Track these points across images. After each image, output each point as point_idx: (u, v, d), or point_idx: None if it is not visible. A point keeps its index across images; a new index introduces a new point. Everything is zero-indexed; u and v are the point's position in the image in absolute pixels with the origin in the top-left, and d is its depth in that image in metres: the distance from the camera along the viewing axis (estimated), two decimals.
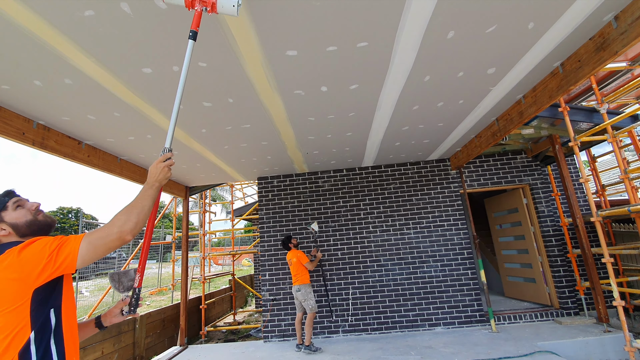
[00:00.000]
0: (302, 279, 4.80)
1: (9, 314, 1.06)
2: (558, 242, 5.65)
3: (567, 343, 4.32)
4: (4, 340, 1.04)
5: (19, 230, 1.26)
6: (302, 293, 4.77)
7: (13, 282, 1.08)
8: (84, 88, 2.71)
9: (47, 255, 1.11)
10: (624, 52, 2.50)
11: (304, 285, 4.78)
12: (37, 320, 1.11)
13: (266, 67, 2.60)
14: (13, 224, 1.25)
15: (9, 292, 1.08)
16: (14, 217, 1.26)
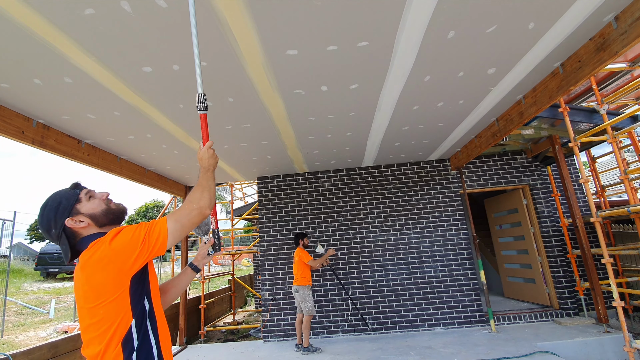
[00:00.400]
0: (301, 280, 4.80)
1: (110, 304, 1.07)
2: (558, 243, 5.65)
3: (567, 343, 4.32)
4: (109, 329, 1.05)
5: (97, 220, 1.24)
6: (300, 294, 4.76)
7: (110, 272, 1.08)
8: (84, 87, 2.71)
9: (140, 241, 1.11)
10: (624, 53, 2.50)
11: (302, 287, 4.78)
12: (137, 307, 1.13)
13: (266, 66, 2.60)
14: (91, 214, 1.23)
15: (107, 282, 1.08)
16: (90, 208, 1.24)
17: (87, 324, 1.08)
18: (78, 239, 1.21)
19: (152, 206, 34.55)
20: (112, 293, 1.07)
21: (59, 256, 14.52)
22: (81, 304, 1.10)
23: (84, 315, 1.09)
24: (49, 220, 1.19)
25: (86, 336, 1.09)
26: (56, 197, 1.22)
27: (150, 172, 5.19)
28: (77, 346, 4.45)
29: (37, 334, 7.15)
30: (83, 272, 1.09)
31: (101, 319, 1.06)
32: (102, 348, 1.04)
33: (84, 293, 1.09)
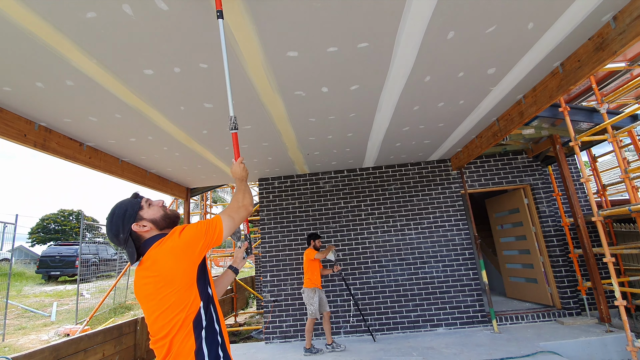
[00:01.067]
0: (307, 282, 4.77)
1: (181, 290, 1.23)
2: (559, 242, 5.64)
3: (569, 343, 4.31)
4: (181, 312, 1.21)
5: (158, 224, 1.39)
6: (305, 296, 4.76)
7: (181, 261, 1.25)
8: (86, 90, 2.72)
9: (203, 233, 1.31)
10: (622, 52, 2.51)
11: (307, 289, 4.75)
12: (203, 292, 1.30)
13: (267, 68, 2.61)
14: (152, 219, 1.39)
15: (179, 270, 1.24)
16: (151, 214, 1.40)
17: (158, 314, 1.22)
18: (142, 241, 1.37)
19: None
20: (183, 280, 1.24)
21: (60, 259, 14.54)
22: (151, 297, 1.23)
23: (153, 307, 1.23)
24: (117, 226, 1.34)
25: (157, 324, 1.22)
26: (122, 206, 1.38)
27: (152, 175, 5.21)
28: (78, 349, 4.44)
29: (39, 337, 7.15)
30: (154, 266, 1.25)
31: (172, 304, 1.21)
32: (175, 329, 1.20)
33: (154, 285, 1.23)
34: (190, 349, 1.21)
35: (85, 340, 4.60)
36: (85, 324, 6.84)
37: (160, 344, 1.21)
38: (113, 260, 13.73)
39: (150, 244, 1.32)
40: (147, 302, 1.25)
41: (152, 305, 1.23)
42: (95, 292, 10.84)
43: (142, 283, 1.26)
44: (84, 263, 11.19)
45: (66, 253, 14.65)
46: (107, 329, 5.03)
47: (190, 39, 2.20)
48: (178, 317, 1.21)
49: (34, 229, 30.75)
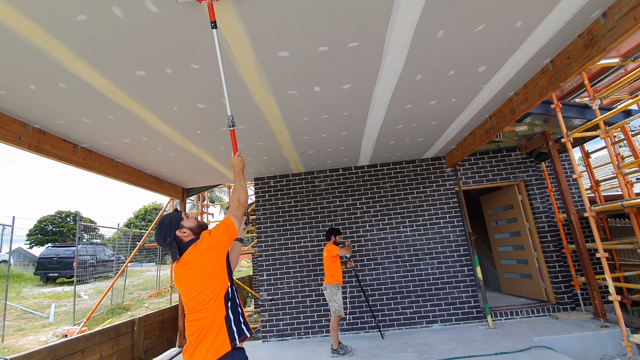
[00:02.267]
0: (329, 278, 4.57)
1: (215, 275, 1.70)
2: (553, 238, 5.69)
3: (564, 338, 4.35)
4: (214, 291, 1.68)
5: (194, 231, 1.84)
6: (328, 293, 4.54)
7: (215, 255, 1.73)
8: (79, 91, 2.73)
9: (225, 231, 1.77)
10: (613, 49, 2.53)
11: (329, 285, 4.54)
12: (229, 275, 1.79)
13: (259, 68, 2.62)
14: (190, 227, 1.83)
15: (214, 262, 1.72)
16: (189, 224, 1.85)
17: (194, 295, 1.67)
18: (182, 244, 1.79)
19: (151, 209, 34.54)
20: (217, 268, 1.73)
21: (58, 260, 14.52)
22: (191, 283, 1.68)
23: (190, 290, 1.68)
24: (165, 232, 1.78)
25: (196, 301, 1.67)
26: (169, 217, 1.85)
27: (147, 175, 5.21)
28: (76, 350, 4.46)
29: (37, 338, 7.16)
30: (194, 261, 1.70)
31: (209, 286, 1.68)
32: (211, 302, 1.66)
33: (195, 274, 1.68)
34: (222, 315, 1.68)
35: (83, 341, 4.61)
36: (83, 325, 6.85)
37: (199, 315, 1.66)
38: (110, 262, 13.72)
39: (188, 246, 1.76)
40: (188, 287, 1.69)
41: (193, 289, 1.68)
42: (93, 293, 10.85)
43: (183, 275, 1.71)
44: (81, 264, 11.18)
45: (64, 254, 14.64)
46: (105, 330, 5.04)
47: (181, 40, 2.21)
48: (214, 294, 1.68)
49: (32, 230, 30.68)
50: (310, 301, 5.64)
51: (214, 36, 1.94)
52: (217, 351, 1.63)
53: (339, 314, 4.50)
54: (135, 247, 9.03)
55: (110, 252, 15.32)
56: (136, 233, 13.39)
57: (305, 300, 5.66)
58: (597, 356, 4.27)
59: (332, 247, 4.63)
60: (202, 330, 1.64)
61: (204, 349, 1.63)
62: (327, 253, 4.65)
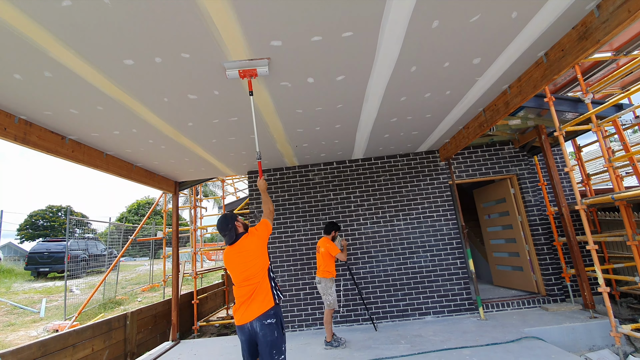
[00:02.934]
0: (324, 272, 4.56)
1: (262, 255, 2.62)
2: (544, 231, 5.76)
3: (554, 329, 4.42)
4: (263, 266, 2.59)
5: (244, 228, 2.79)
6: (322, 286, 4.55)
7: (263, 241, 2.68)
8: (65, 81, 2.65)
9: (267, 229, 2.75)
10: (606, 41, 2.52)
11: (324, 279, 4.55)
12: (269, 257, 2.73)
13: (251, 57, 2.56)
14: (242, 223, 2.81)
15: (262, 246, 2.65)
16: (240, 224, 2.77)
17: (246, 269, 2.55)
18: (237, 233, 2.70)
19: (144, 203, 34.24)
20: (264, 252, 2.64)
21: (49, 255, 14.36)
22: (243, 261, 2.57)
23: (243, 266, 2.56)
24: (229, 221, 2.70)
25: (244, 274, 2.54)
26: (229, 213, 2.80)
27: (138, 168, 5.13)
28: (67, 344, 4.41)
29: (28, 334, 7.09)
30: (248, 246, 2.62)
31: (256, 264, 2.56)
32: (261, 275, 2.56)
33: (247, 255, 2.59)
34: (267, 283, 2.57)
35: (74, 335, 4.56)
36: (74, 319, 6.79)
37: (250, 282, 2.53)
38: (103, 256, 13.59)
39: (241, 236, 2.69)
40: (240, 264, 2.57)
41: (245, 265, 2.56)
42: (85, 288, 10.73)
43: (237, 255, 2.61)
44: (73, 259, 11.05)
45: (55, 249, 14.47)
46: (96, 324, 5.00)
47: (170, 28, 2.15)
48: (261, 269, 2.58)
49: (23, 225, 30.26)
50: (304, 294, 5.65)
51: (251, 103, 2.96)
52: (268, 305, 2.51)
53: (333, 307, 4.52)
54: (128, 241, 8.94)
55: (103, 246, 15.17)
56: (129, 227, 13.27)
57: (299, 294, 5.66)
58: (586, 346, 4.35)
59: (331, 246, 4.58)
60: (254, 292, 2.52)
61: (258, 303, 2.50)
62: (326, 250, 4.59)
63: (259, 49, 2.46)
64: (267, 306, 2.47)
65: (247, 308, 2.47)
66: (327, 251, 4.58)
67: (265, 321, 2.45)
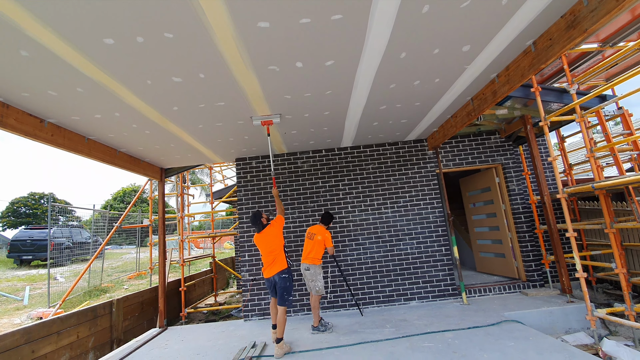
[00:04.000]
0: (314, 259, 4.62)
1: (280, 239, 4.13)
2: (527, 219, 5.91)
3: (532, 313, 4.59)
4: (280, 244, 4.12)
5: (267, 220, 4.19)
6: (311, 273, 4.60)
7: (279, 231, 4.16)
8: (42, 61, 2.54)
9: (282, 222, 4.24)
10: (594, 31, 2.53)
11: (313, 266, 4.60)
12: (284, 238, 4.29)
13: (238, 39, 2.50)
14: (265, 218, 4.18)
15: (278, 234, 4.13)
16: (264, 218, 4.16)
17: (271, 246, 4.07)
18: (263, 224, 4.12)
19: (130, 191, 33.63)
20: (279, 236, 4.13)
21: (32, 243, 14.03)
22: (269, 242, 4.08)
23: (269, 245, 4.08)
24: (257, 218, 4.12)
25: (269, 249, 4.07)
26: (257, 212, 4.18)
27: (122, 154, 5.00)
28: (51, 331, 4.36)
29: (11, 321, 6.96)
30: (271, 232, 4.09)
31: (275, 242, 4.08)
32: (280, 249, 4.10)
33: (271, 238, 4.08)
34: (283, 254, 4.11)
35: (58, 322, 4.51)
36: (58, 307, 6.70)
37: (274, 254, 4.05)
38: (87, 244, 13.35)
39: (266, 225, 4.13)
40: (268, 244, 4.06)
41: (270, 245, 4.06)
42: (70, 276, 10.56)
43: (264, 239, 4.09)
44: (57, 247, 10.83)
45: (38, 237, 14.13)
46: (81, 311, 4.94)
47: (152, 5, 2.06)
48: (279, 246, 4.09)
49: (4, 212, 29.44)
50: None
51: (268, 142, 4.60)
52: (283, 267, 4.04)
53: (320, 293, 4.58)
54: (113, 228, 8.79)
55: (87, 234, 14.88)
56: (114, 215, 13.04)
57: None
58: (562, 329, 4.54)
59: (328, 236, 4.67)
60: (274, 260, 4.05)
61: (277, 266, 4.04)
62: (322, 238, 4.64)
63: (246, 30, 2.39)
64: (282, 267, 4.03)
65: (271, 268, 4.04)
66: (324, 240, 4.64)
67: (281, 275, 4.01)
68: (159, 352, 4.48)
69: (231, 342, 4.56)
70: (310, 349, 4.01)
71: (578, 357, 3.19)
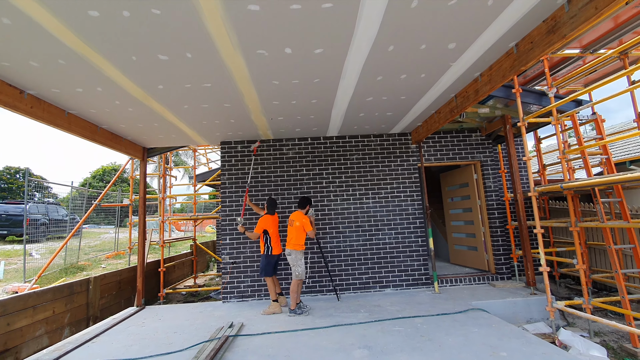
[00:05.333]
0: (295, 245, 4.79)
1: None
2: (500, 215, 6.17)
3: (498, 302, 4.87)
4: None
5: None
6: (292, 258, 4.78)
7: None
8: (24, 30, 2.47)
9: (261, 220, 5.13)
10: (572, 37, 2.65)
11: (295, 251, 4.78)
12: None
13: (226, 20, 2.49)
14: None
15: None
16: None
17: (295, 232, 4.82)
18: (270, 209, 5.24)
19: (110, 169, 32.75)
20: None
21: (7, 218, 13.58)
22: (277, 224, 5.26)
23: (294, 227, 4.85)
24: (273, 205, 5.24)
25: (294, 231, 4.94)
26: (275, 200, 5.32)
27: (103, 130, 4.91)
28: (27, 305, 4.33)
29: None
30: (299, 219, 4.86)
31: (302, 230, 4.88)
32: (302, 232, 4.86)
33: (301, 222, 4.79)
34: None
35: (34, 297, 4.47)
36: (34, 282, 6.60)
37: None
38: (64, 221, 13.04)
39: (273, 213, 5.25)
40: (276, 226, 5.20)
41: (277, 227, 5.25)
42: (46, 252, 10.32)
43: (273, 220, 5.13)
44: (33, 223, 10.55)
45: (13, 212, 13.67)
46: (57, 287, 4.90)
47: None
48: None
49: None
50: None
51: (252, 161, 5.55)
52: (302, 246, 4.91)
53: (300, 278, 4.73)
54: (92, 206, 8.62)
55: (65, 211, 14.51)
56: (93, 194, 12.75)
57: None
58: (524, 319, 4.83)
59: (306, 221, 4.81)
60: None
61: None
62: (300, 224, 4.80)
63: (235, 11, 2.39)
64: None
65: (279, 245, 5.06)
66: (302, 226, 4.79)
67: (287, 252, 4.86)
68: (136, 329, 4.52)
69: (209, 322, 4.64)
70: (286, 329, 4.14)
71: (534, 343, 3.43)
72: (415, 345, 3.50)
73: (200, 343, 3.81)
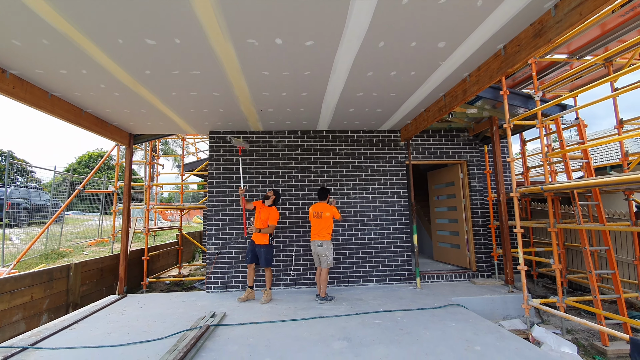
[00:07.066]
0: (327, 235, 4.96)
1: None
2: (483, 214, 6.30)
3: (476, 299, 5.00)
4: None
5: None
6: (324, 248, 4.92)
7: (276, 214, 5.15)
8: (6, 7, 2.41)
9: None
10: (557, 41, 2.72)
11: (327, 242, 4.95)
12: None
13: (216, 7, 2.46)
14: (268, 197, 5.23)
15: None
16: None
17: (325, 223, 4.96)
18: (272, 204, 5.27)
19: (96, 155, 32.06)
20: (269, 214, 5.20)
21: None
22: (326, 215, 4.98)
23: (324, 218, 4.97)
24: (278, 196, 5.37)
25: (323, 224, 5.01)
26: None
27: (88, 114, 4.80)
28: (4, 290, 4.25)
29: None
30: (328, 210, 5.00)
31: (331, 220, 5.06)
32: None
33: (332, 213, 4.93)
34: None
35: (12, 282, 4.39)
36: (12, 267, 6.46)
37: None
38: (46, 207, 12.75)
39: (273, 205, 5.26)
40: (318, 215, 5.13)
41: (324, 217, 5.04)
42: (26, 238, 10.10)
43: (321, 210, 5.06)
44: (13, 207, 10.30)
45: None
46: (36, 273, 4.82)
47: None
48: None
49: None
50: None
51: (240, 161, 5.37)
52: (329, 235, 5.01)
53: (331, 266, 4.99)
54: (75, 192, 8.45)
55: (47, 197, 14.18)
56: (78, 180, 12.48)
57: None
58: (501, 316, 4.98)
59: (335, 210, 5.03)
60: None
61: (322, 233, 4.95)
62: (331, 214, 5.00)
63: (227, 4, 2.36)
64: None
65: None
66: (333, 215, 5.00)
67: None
68: (117, 317, 4.49)
69: (191, 311, 4.63)
70: (268, 320, 4.17)
71: (508, 338, 3.54)
72: (394, 337, 3.58)
73: (181, 332, 3.81)
